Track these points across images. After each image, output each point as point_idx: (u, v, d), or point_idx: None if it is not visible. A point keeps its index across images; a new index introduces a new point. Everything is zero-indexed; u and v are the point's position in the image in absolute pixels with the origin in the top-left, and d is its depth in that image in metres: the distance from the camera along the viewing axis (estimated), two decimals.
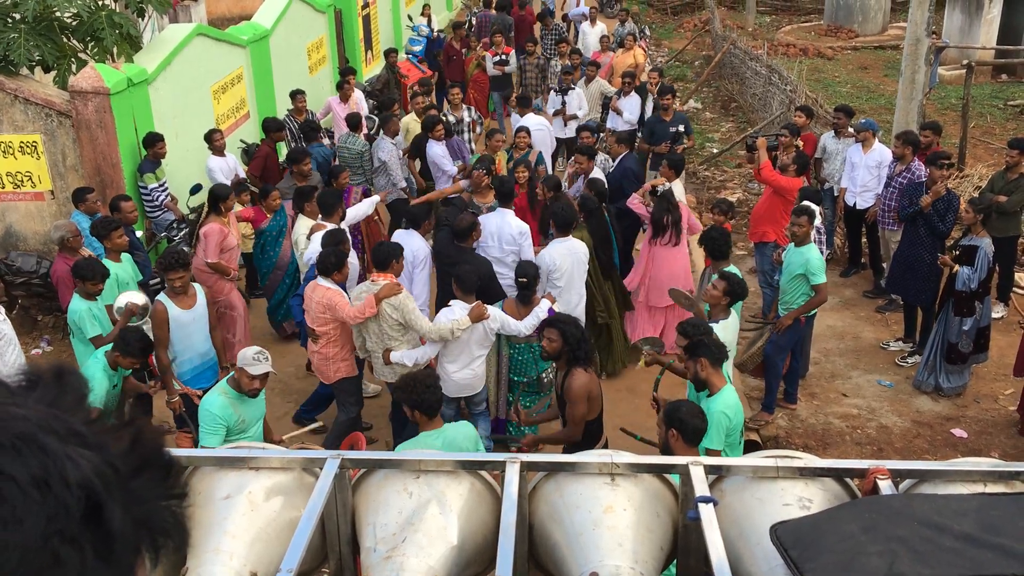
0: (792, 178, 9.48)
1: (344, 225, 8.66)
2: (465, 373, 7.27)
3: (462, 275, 7.27)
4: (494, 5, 18.98)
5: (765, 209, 9.68)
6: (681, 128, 11.69)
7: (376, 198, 9.87)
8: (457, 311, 7.11)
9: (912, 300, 9.50)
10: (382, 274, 7.29)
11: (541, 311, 7.32)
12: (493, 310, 7.20)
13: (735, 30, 22.24)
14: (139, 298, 7.51)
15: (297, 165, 9.84)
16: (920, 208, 9.04)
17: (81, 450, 0.91)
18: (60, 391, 0.98)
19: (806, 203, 8.42)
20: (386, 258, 7.32)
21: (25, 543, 0.85)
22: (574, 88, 13.09)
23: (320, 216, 8.59)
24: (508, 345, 7.60)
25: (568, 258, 8.05)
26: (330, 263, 7.30)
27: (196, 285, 7.54)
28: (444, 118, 11.77)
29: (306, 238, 8.44)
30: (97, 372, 6.42)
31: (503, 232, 8.52)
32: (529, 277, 7.42)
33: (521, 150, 10.66)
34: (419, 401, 5.45)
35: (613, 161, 10.59)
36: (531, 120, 11.73)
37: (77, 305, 7.15)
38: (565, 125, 12.90)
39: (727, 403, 5.65)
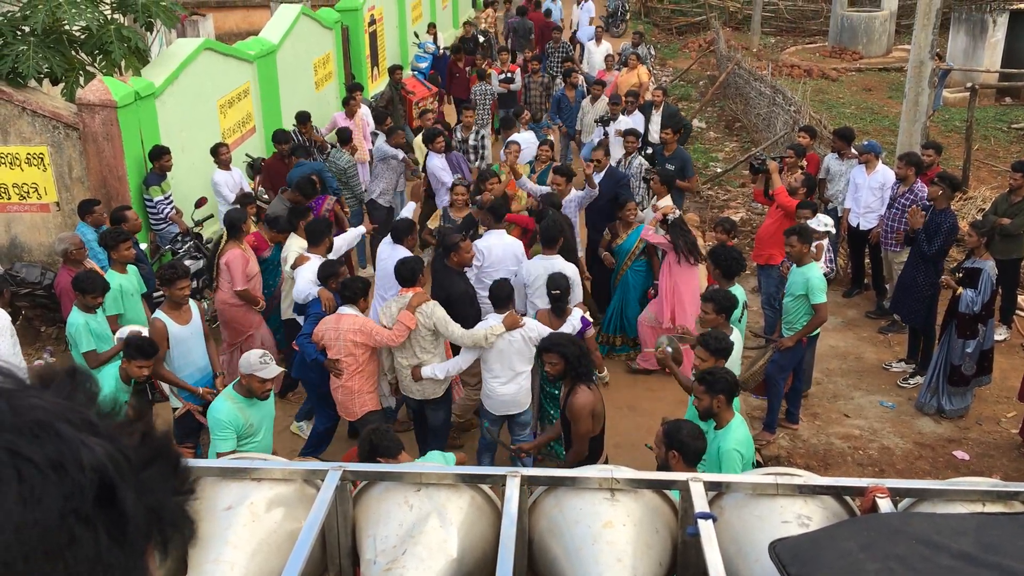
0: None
1: (332, 256, 8.45)
2: (510, 387, 7.12)
3: (493, 289, 7.29)
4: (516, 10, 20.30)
5: (773, 232, 9.60)
6: (664, 166, 11.48)
7: (362, 229, 9.74)
8: (492, 320, 7.12)
9: (905, 320, 9.53)
10: (410, 290, 7.24)
11: (575, 320, 7.36)
12: (530, 320, 7.20)
13: (740, 50, 22.32)
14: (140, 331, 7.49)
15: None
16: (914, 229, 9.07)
17: (94, 438, 0.96)
18: (73, 388, 1.02)
19: (804, 222, 8.52)
20: (412, 274, 7.27)
21: (44, 521, 0.89)
22: (616, 119, 12.73)
23: (307, 246, 8.31)
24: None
25: (546, 275, 7.93)
26: (357, 289, 7.21)
27: (191, 301, 7.46)
28: (454, 133, 11.95)
29: (291, 267, 8.18)
30: (109, 385, 6.45)
31: (507, 253, 8.52)
32: (562, 289, 7.42)
33: (543, 163, 10.69)
34: (377, 450, 5.35)
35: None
36: (517, 137, 11.83)
37: (75, 318, 7.15)
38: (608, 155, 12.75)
39: (738, 439, 5.51)
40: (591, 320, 7.80)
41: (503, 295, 7.21)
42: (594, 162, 10.38)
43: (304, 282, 7.80)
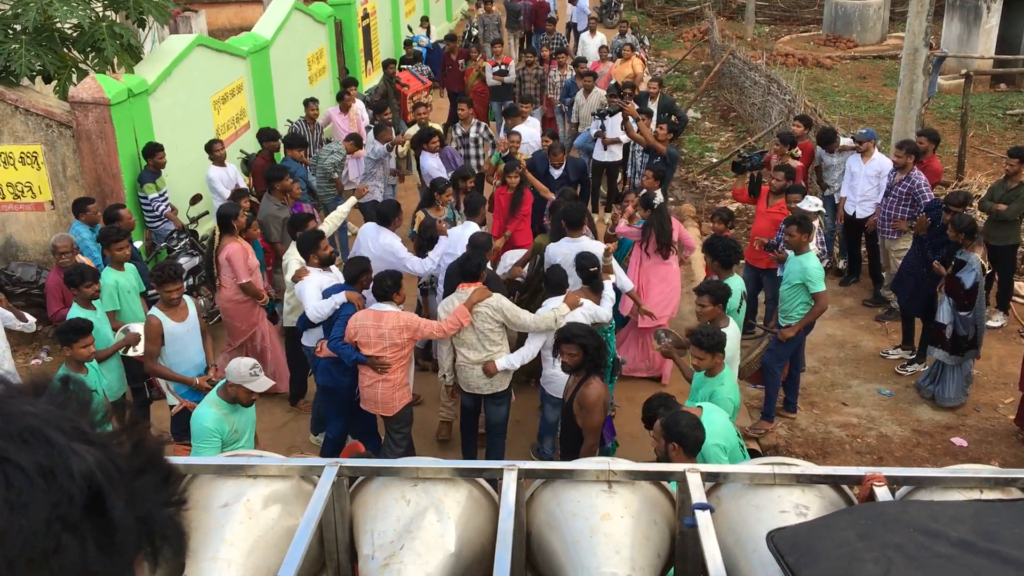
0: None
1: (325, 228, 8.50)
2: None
3: (549, 274, 7.46)
4: None
5: (767, 233, 9.43)
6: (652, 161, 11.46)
7: (352, 200, 9.61)
8: (553, 303, 7.25)
9: (902, 304, 9.52)
10: (470, 284, 7.25)
11: (609, 292, 7.62)
12: (585, 300, 7.33)
13: (734, 40, 22.31)
14: (140, 330, 7.46)
15: (279, 183, 9.51)
16: (924, 218, 9.03)
17: (85, 446, 0.96)
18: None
19: (795, 206, 8.53)
20: (477, 269, 7.31)
21: (30, 527, 0.89)
22: (613, 111, 12.44)
23: (306, 261, 7.91)
24: None
25: (571, 255, 8.03)
26: (387, 286, 7.08)
27: (187, 298, 7.43)
28: (449, 130, 11.91)
29: (292, 280, 7.91)
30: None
31: (461, 244, 8.57)
32: (598, 266, 7.60)
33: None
34: None
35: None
36: (520, 129, 11.82)
37: (75, 314, 7.16)
38: (605, 149, 12.70)
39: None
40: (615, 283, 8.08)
41: (559, 280, 7.44)
42: (554, 165, 10.71)
43: (312, 298, 7.50)
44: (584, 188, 11.24)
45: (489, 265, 8.02)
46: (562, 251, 8.15)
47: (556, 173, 10.72)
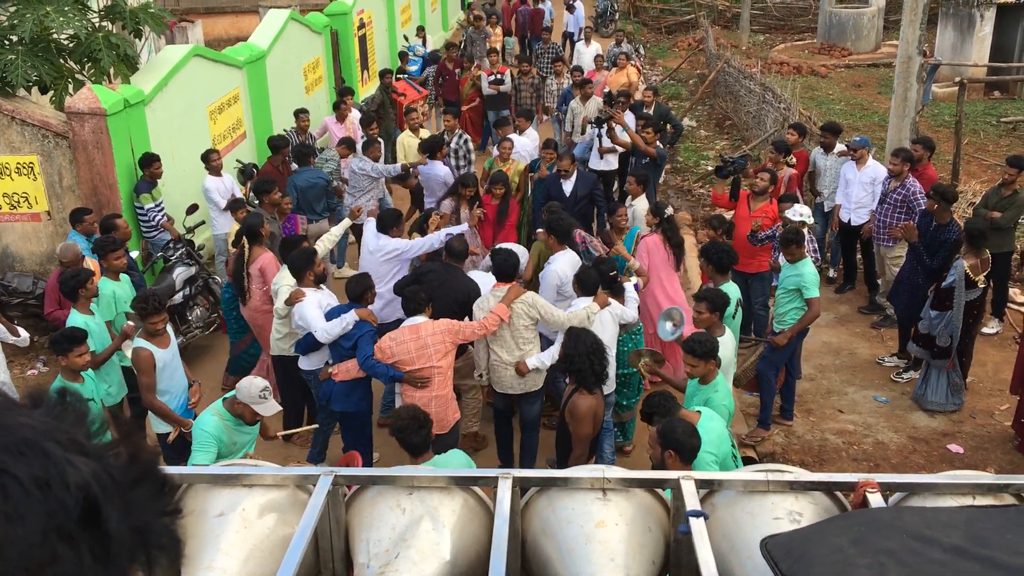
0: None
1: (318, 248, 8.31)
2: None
3: (582, 275, 7.48)
4: None
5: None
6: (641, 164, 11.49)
7: (347, 222, 9.36)
8: (583, 303, 7.30)
9: (898, 312, 9.55)
10: (504, 284, 7.32)
11: (631, 294, 7.74)
12: (614, 301, 7.42)
13: (729, 49, 22.37)
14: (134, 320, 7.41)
15: (268, 196, 9.46)
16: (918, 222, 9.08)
17: (81, 457, 0.96)
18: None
19: (791, 224, 8.52)
20: (514, 269, 7.41)
21: (26, 538, 0.90)
22: (603, 120, 12.26)
23: (300, 280, 7.66)
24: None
25: (572, 268, 8.05)
26: (421, 299, 7.03)
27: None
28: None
29: (285, 303, 7.63)
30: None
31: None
32: (616, 269, 7.70)
33: (548, 163, 10.76)
34: (408, 443, 5.45)
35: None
36: (513, 138, 11.81)
37: (74, 320, 7.15)
38: (601, 158, 12.64)
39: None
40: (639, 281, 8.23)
41: (591, 282, 7.40)
42: (562, 171, 10.46)
43: (317, 320, 7.23)
44: (597, 202, 10.72)
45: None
46: (564, 267, 8.15)
47: (567, 187, 10.33)
